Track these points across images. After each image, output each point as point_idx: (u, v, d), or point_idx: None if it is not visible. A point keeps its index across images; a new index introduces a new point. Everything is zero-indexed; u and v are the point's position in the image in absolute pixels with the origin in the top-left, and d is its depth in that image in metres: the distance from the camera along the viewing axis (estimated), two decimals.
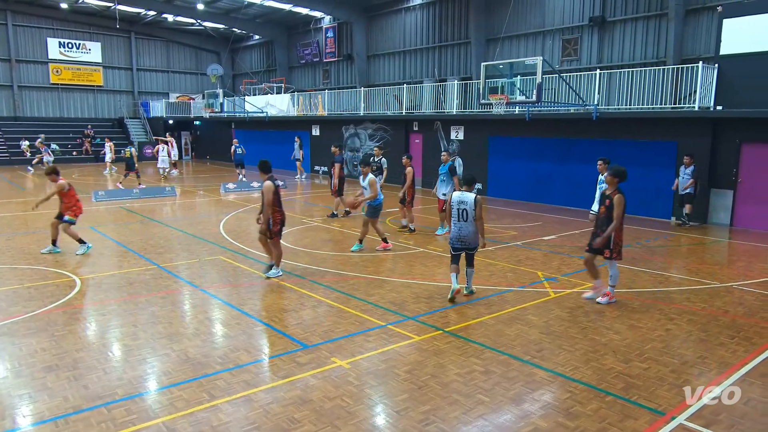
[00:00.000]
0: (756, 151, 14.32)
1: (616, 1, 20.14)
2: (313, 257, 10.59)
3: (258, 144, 33.43)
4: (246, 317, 7.26)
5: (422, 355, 6.10)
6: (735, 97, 14.23)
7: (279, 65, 36.63)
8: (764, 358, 6.16)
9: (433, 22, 26.70)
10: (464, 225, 7.92)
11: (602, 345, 6.44)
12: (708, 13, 17.76)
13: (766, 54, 13.67)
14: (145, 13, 35.78)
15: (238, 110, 31.46)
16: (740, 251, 12.20)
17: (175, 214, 16.32)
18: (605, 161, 11.53)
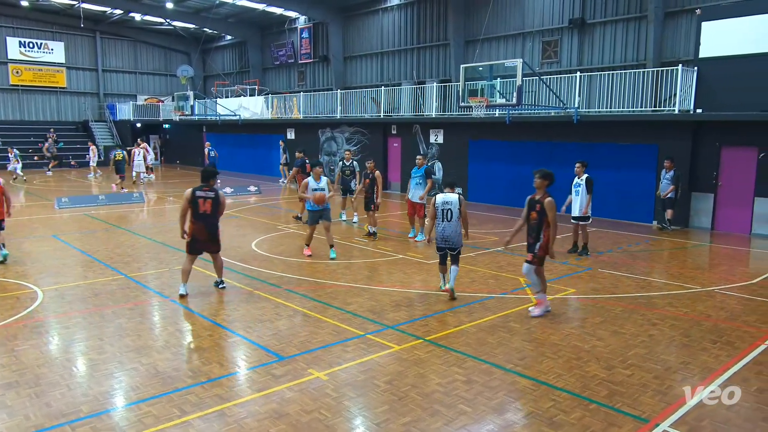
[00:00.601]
0: (735, 154, 14.68)
1: (595, 3, 20.51)
2: (288, 265, 10.53)
3: (231, 148, 33.16)
4: (219, 328, 7.18)
5: (402, 365, 6.10)
6: (714, 100, 14.59)
7: (252, 66, 36.45)
8: (746, 362, 6.29)
9: (411, 23, 26.86)
10: (448, 225, 8.45)
11: (585, 352, 6.51)
12: (687, 15, 18.19)
13: (745, 57, 14.06)
14: (111, 12, 35.30)
15: (209, 113, 31.18)
16: (721, 255, 12.48)
17: (144, 221, 16.09)
18: (583, 164, 11.74)
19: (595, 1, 20.49)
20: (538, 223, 7.68)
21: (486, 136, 19.83)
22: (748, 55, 13.99)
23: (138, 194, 19.91)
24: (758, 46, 13.84)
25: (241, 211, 17.44)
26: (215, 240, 8.62)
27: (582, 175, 11.66)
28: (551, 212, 7.55)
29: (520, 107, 16.27)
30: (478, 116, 17.04)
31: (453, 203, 8.44)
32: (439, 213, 8.49)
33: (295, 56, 33.46)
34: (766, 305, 8.43)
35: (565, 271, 10.37)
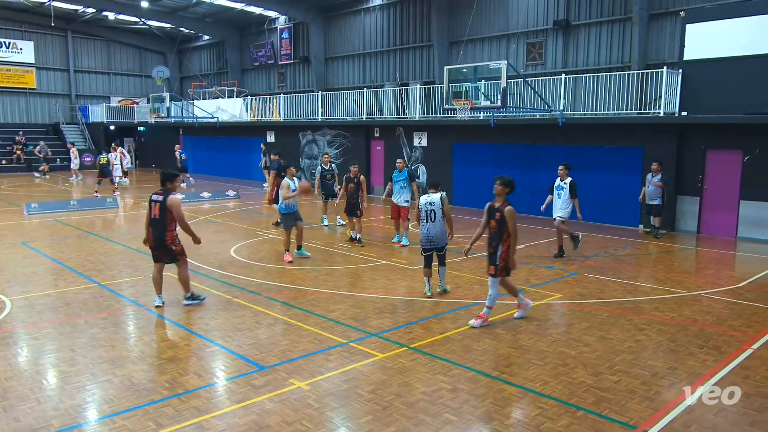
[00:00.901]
0: (720, 157, 14.94)
1: (580, 5, 20.77)
2: (268, 272, 10.47)
3: (209, 151, 32.96)
4: (196, 338, 7.11)
5: (386, 373, 6.09)
6: (699, 103, 14.85)
7: (231, 67, 36.28)
8: (733, 367, 6.39)
9: (394, 23, 26.96)
10: (432, 225, 8.76)
11: (572, 358, 6.57)
12: (671, 17, 18.51)
13: (729, 59, 14.33)
14: (84, 11, 34.88)
15: (186, 115, 30.95)
16: (707, 259, 12.68)
17: (117, 227, 15.90)
18: (567, 166, 11.87)
19: (579, 3, 20.76)
20: (498, 232, 7.52)
21: (470, 139, 19.95)
22: (733, 57, 14.27)
23: (111, 199, 19.67)
24: (742, 49, 14.12)
25: (220, 216, 17.32)
26: (163, 248, 8.03)
27: (566, 178, 11.78)
28: (511, 221, 7.42)
29: (504, 110, 16.39)
30: (462, 119, 17.14)
31: (435, 203, 8.74)
32: (423, 214, 8.78)
33: (275, 57, 33.39)
34: (751, 309, 8.57)
35: (551, 276, 10.45)
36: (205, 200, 21.08)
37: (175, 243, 8.10)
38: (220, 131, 30.33)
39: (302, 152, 26.60)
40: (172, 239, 8.06)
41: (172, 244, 8.05)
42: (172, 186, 8.06)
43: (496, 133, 18.64)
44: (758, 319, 8.08)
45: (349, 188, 12.88)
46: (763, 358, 6.64)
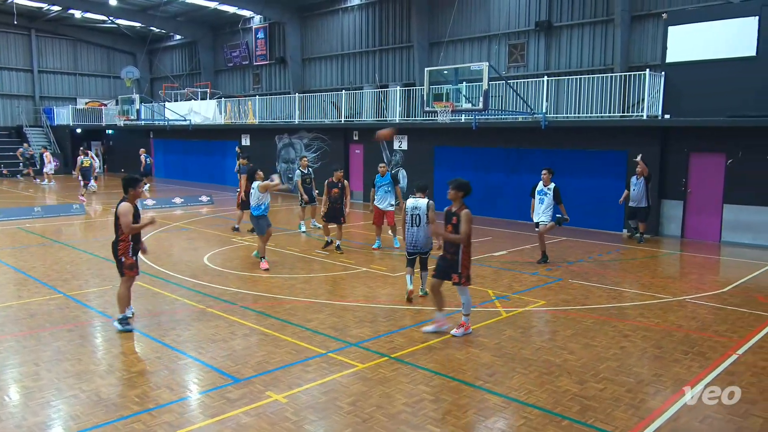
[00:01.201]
0: (703, 161, 15.24)
1: (562, 6, 21.06)
2: (243, 280, 10.40)
3: (180, 155, 32.68)
4: (168, 350, 7.03)
5: (367, 384, 6.08)
6: (682, 106, 15.14)
7: (204, 68, 36.05)
8: (718, 373, 6.50)
9: (373, 24, 27.05)
10: (417, 230, 8.98)
11: (556, 366, 6.62)
12: (653, 19, 18.86)
13: (711, 62, 14.64)
14: (48, 8, 34.39)
15: (157, 118, 30.65)
16: (692, 264, 12.91)
17: (84, 234, 15.66)
18: (550, 171, 11.98)
19: (561, 4, 21.05)
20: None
21: (452, 142, 20.07)
22: (715, 60, 14.58)
23: (78, 206, 19.37)
24: (724, 51, 14.45)
25: (192, 223, 17.17)
26: (115, 260, 7.68)
27: (549, 183, 11.89)
28: (465, 225, 7.31)
29: (486, 112, 16.53)
30: (443, 122, 17.22)
31: (421, 209, 8.93)
32: (408, 218, 9.00)
33: (250, 58, 33.26)
34: (736, 314, 8.74)
35: (535, 282, 10.54)
36: (177, 206, 20.87)
37: (127, 255, 7.60)
38: (192, 134, 30.08)
39: (279, 156, 26.51)
40: (125, 250, 7.59)
41: (123, 256, 7.60)
42: (135, 192, 7.65)
43: (478, 136, 18.78)
44: (743, 324, 8.23)
45: (333, 194, 12.71)
46: (747, 364, 6.77)
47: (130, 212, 7.49)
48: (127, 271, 7.62)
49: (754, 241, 14.37)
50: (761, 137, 14.14)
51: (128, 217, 7.47)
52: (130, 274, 7.65)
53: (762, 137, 14.13)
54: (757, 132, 14.15)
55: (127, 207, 7.51)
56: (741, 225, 14.66)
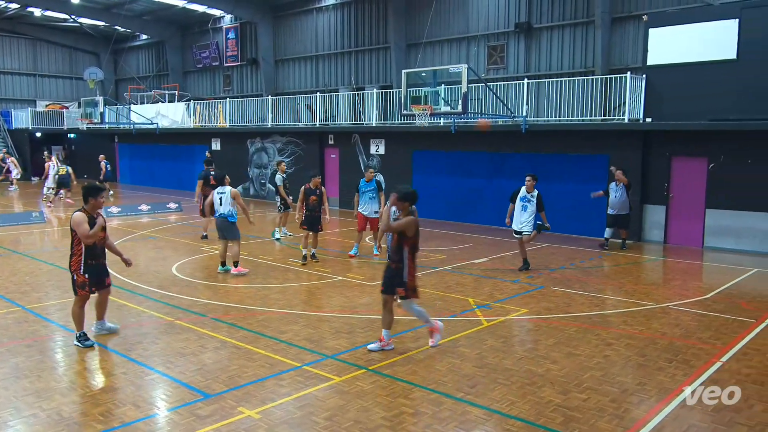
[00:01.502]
0: (685, 165, 15.54)
1: (542, 7, 21.36)
2: (214, 291, 10.30)
3: (147, 160, 32.32)
4: (134, 365, 6.92)
5: (344, 398, 6.06)
6: (664, 109, 15.42)
7: (172, 69, 35.75)
8: (702, 381, 6.61)
9: (349, 24, 27.12)
10: None
11: (539, 376, 6.67)
12: (634, 21, 19.22)
13: (692, 65, 14.95)
14: (6, 6, 33.81)
15: (122, 121, 30.28)
16: (675, 270, 13.13)
17: (45, 244, 15.37)
18: (534, 177, 12.05)
19: (541, 5, 21.35)
20: (399, 247, 7.33)
21: (431, 146, 20.17)
22: (696, 62, 14.90)
23: (38, 213, 19.02)
24: (705, 54, 14.76)
25: (160, 231, 16.97)
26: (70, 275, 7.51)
27: (533, 189, 11.92)
28: (404, 223, 7.26)
29: (466, 116, 16.65)
30: (421, 125, 17.32)
31: None
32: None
33: (220, 59, 33.08)
34: (719, 321, 8.90)
35: (517, 290, 10.62)
36: (143, 214, 20.62)
37: (78, 272, 7.37)
38: (160, 138, 29.77)
39: (251, 161, 26.36)
40: (77, 266, 7.37)
41: (75, 273, 7.39)
42: (95, 202, 7.37)
43: (458, 140, 18.91)
44: (726, 331, 8.39)
45: (312, 201, 12.49)
46: (732, 371, 6.89)
47: (84, 221, 7.25)
48: (78, 290, 7.41)
49: (736, 246, 14.68)
50: (742, 141, 14.48)
51: (84, 226, 7.24)
52: (81, 293, 7.42)
53: (743, 141, 14.47)
54: (738, 136, 14.48)
55: (80, 217, 7.27)
56: (723, 230, 14.96)
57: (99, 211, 7.53)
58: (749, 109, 14.11)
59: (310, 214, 12.49)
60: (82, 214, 7.33)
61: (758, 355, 7.45)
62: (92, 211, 7.41)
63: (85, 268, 7.38)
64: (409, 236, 7.28)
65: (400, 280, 7.27)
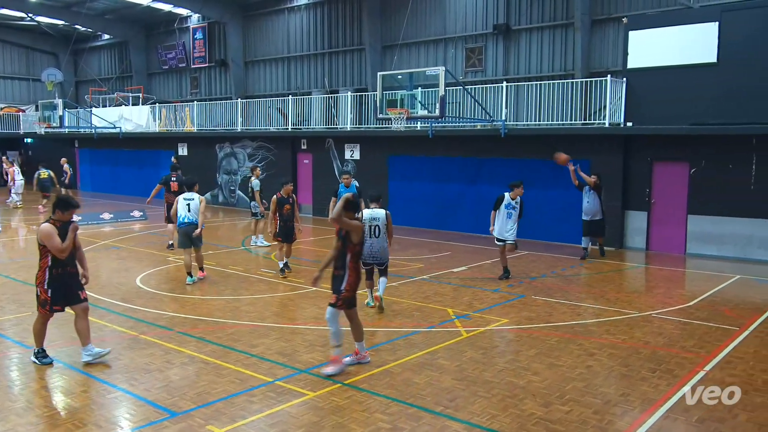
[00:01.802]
0: (667, 170, 15.82)
1: (520, 8, 21.61)
2: (181, 303, 10.19)
3: (110, 166, 31.91)
4: (96, 382, 6.81)
5: (318, 414, 6.03)
6: (645, 113, 15.69)
7: (136, 71, 35.38)
8: (686, 390, 6.70)
9: (322, 25, 27.14)
10: (376, 241, 9.47)
11: (520, 388, 6.71)
12: (614, 24, 19.55)
13: (673, 68, 15.24)
14: None
15: (83, 125, 29.87)
16: (657, 277, 13.34)
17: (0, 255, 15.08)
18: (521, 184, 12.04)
19: (520, 6, 21.60)
20: (342, 253, 7.21)
21: (407, 151, 20.23)
22: (676, 66, 15.19)
23: None
24: (686, 57, 15.06)
25: (123, 241, 16.73)
26: None
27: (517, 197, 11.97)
28: (351, 224, 7.15)
29: (443, 120, 16.75)
30: (398, 129, 17.36)
31: (380, 219, 9.51)
32: (367, 229, 9.27)
33: (187, 60, 32.84)
34: (703, 329, 9.06)
35: (497, 300, 10.68)
36: (105, 222, 20.31)
37: (42, 287, 7.14)
38: (123, 143, 29.43)
39: (219, 167, 26.17)
40: (41, 279, 7.15)
41: (39, 287, 7.17)
42: (63, 216, 7.12)
43: (435, 145, 19.00)
44: (710, 339, 8.54)
45: (286, 210, 12.18)
46: (716, 380, 7.01)
47: (54, 233, 7.01)
48: (39, 308, 7.23)
49: (718, 253, 14.96)
50: (723, 146, 14.79)
51: (54, 239, 6.99)
52: (41, 311, 7.23)
53: (725, 145, 14.78)
54: (719, 140, 14.79)
55: (50, 228, 7.01)
56: (705, 236, 15.24)
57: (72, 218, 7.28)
58: (730, 113, 14.43)
59: (284, 225, 12.20)
60: (51, 225, 7.07)
61: (742, 363, 7.59)
62: (57, 223, 7.12)
63: (50, 281, 7.13)
64: (353, 242, 7.17)
65: (338, 287, 7.13)
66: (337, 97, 22.76)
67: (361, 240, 7.30)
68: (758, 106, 14.10)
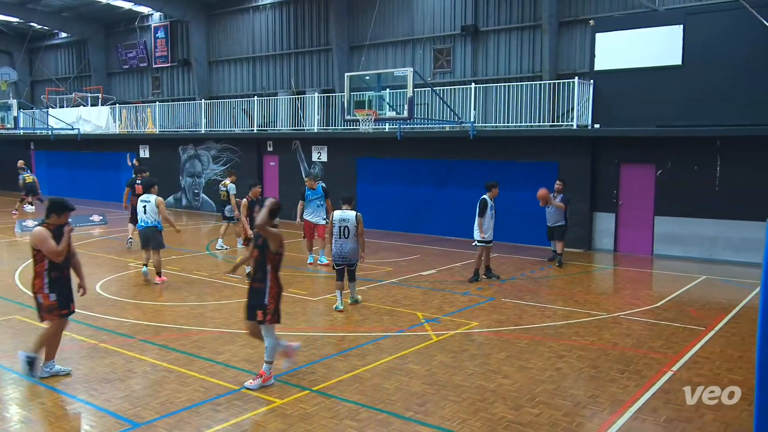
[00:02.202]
0: (634, 172, 16.14)
1: (488, 10, 21.81)
2: (143, 310, 10.03)
3: (68, 169, 31.29)
4: (54, 393, 6.66)
5: (286, 422, 5.99)
6: (612, 115, 15.99)
7: (95, 70, 34.74)
8: (654, 391, 6.84)
9: (288, 24, 27.01)
10: (345, 242, 9.88)
11: (491, 392, 6.76)
12: (581, 26, 19.84)
13: (639, 70, 15.57)
14: None
15: (39, 126, 29.22)
16: (625, 278, 13.59)
17: None
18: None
19: (488, 7, 21.79)
20: (261, 262, 6.96)
21: (376, 153, 20.26)
22: (643, 68, 15.52)
23: None
24: (651, 60, 15.40)
25: (82, 246, 16.38)
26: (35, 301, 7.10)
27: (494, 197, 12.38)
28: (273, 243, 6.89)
29: (412, 121, 16.81)
30: (366, 131, 17.37)
31: (350, 221, 9.88)
32: (336, 230, 9.86)
33: (149, 59, 32.38)
34: (670, 329, 9.25)
35: (467, 303, 10.76)
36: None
37: (43, 291, 6.91)
38: (82, 145, 28.87)
39: (183, 169, 25.84)
40: (40, 284, 6.92)
41: (39, 293, 6.93)
42: (58, 219, 6.97)
43: (404, 147, 19.05)
44: (677, 340, 8.73)
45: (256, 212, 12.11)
46: (683, 380, 7.16)
47: (48, 237, 6.81)
48: (46, 315, 6.95)
49: (685, 254, 15.31)
50: (689, 147, 15.15)
51: (49, 243, 6.78)
52: (49, 317, 6.95)
53: (690, 147, 15.14)
54: (684, 142, 15.15)
55: (44, 232, 6.81)
56: (672, 237, 15.59)
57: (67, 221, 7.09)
58: (695, 116, 14.80)
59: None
60: (44, 229, 6.88)
61: (708, 363, 7.78)
62: (51, 227, 6.94)
63: (50, 286, 6.91)
64: (273, 251, 6.89)
65: (261, 301, 6.84)
66: (303, 98, 22.68)
67: (279, 250, 6.90)
68: (722, 108, 14.49)
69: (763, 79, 14.07)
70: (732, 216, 14.66)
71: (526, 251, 16.17)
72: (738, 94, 14.39)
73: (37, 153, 32.60)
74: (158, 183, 12.76)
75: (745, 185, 14.44)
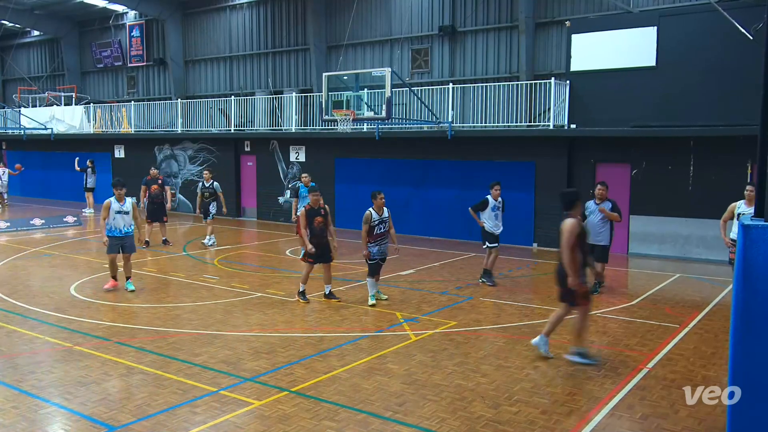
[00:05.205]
0: (609, 171, 16.30)
1: (466, 10, 21.92)
2: (119, 312, 9.91)
3: (41, 170, 30.83)
4: (26, 397, 6.54)
5: (264, 423, 5.96)
6: (588, 115, 16.18)
7: (68, 69, 34.27)
8: (630, 388, 6.93)
9: (265, 24, 26.88)
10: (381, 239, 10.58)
11: (469, 391, 6.80)
12: (557, 27, 20.04)
13: (614, 71, 15.76)
14: None
15: (10, 126, 28.75)
16: None
17: None
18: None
19: (465, 8, 21.90)
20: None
21: (354, 153, 20.24)
22: (618, 69, 15.72)
23: None
24: (627, 61, 15.61)
25: (56, 248, 16.15)
26: None
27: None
28: None
29: (390, 121, 16.83)
30: (344, 131, 17.36)
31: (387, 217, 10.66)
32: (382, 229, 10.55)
33: (124, 58, 32.03)
34: (645, 327, 9.38)
35: (445, 303, 10.80)
36: (36, 229, 19.55)
37: None
38: (55, 145, 28.47)
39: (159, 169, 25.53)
40: None
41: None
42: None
43: (382, 147, 19.07)
44: (652, 337, 8.85)
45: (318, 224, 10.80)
46: (658, 378, 7.27)
47: None
48: None
49: (659, 252, 15.53)
50: (663, 147, 15.37)
51: None
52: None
53: (663, 147, 15.37)
54: (658, 142, 15.37)
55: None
56: (647, 236, 15.80)
57: None
58: (669, 116, 15.03)
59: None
60: None
61: (682, 360, 7.90)
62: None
63: None
64: None
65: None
66: (281, 97, 22.59)
67: None
68: (695, 108, 14.74)
69: (735, 80, 14.30)
70: (705, 215, 14.87)
71: (504, 250, 16.23)
72: (711, 94, 14.64)
73: (9, 153, 32.05)
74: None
75: (717, 184, 14.67)
